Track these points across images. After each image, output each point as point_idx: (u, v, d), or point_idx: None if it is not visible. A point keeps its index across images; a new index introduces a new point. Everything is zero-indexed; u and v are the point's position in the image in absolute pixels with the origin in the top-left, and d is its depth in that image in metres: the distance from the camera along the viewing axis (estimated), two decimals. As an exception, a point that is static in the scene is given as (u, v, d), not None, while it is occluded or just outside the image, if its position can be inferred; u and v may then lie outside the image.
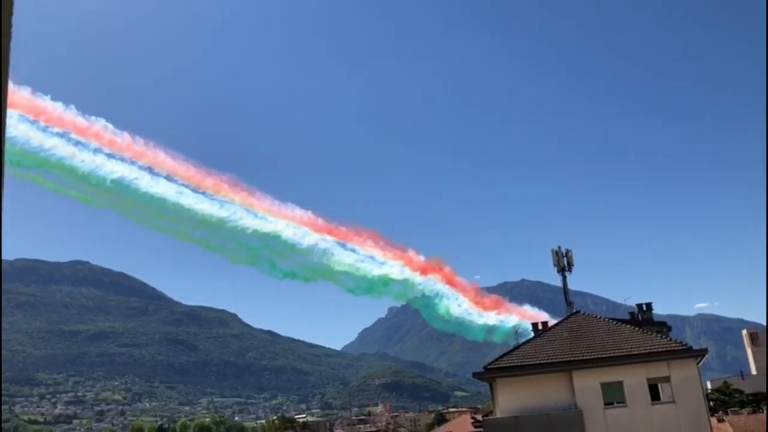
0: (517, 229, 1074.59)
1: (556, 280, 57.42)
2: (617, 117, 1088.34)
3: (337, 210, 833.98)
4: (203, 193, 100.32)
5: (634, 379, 33.39)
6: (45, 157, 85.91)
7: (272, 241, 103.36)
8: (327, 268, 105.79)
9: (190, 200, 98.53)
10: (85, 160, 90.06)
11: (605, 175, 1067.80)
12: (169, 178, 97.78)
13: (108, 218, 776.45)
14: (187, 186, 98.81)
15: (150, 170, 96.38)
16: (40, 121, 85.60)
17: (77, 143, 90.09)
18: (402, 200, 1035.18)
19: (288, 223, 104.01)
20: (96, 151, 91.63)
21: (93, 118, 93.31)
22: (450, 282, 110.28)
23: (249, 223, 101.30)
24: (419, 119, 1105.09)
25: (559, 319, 41.97)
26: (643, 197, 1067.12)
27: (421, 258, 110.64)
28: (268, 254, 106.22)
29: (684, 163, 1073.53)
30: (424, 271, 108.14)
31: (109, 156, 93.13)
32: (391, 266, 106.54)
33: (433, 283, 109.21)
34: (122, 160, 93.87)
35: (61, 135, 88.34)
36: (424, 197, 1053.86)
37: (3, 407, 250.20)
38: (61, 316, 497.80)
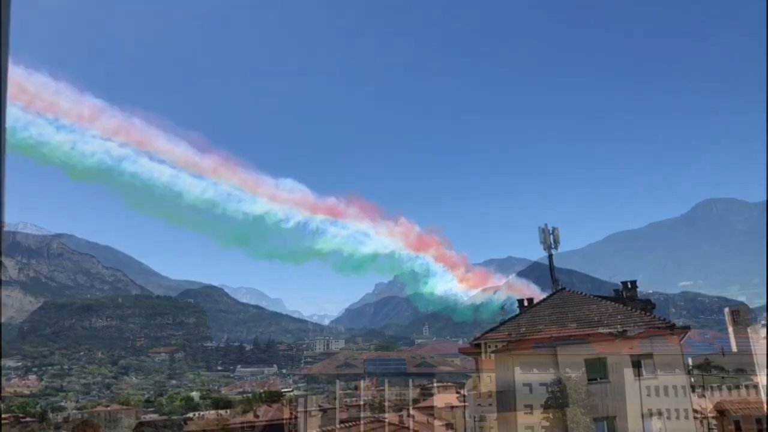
0: (503, 205, 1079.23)
1: (542, 258, 57.61)
2: (609, 93, 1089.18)
3: (336, 180, 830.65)
4: (197, 175, 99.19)
5: (617, 355, 33.64)
6: (34, 133, 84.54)
7: (262, 223, 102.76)
8: (317, 248, 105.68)
9: (181, 182, 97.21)
10: (75, 138, 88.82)
11: (592, 152, 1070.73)
12: (162, 160, 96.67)
13: (94, 192, 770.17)
14: (178, 168, 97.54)
15: (145, 152, 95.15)
16: (32, 100, 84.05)
17: (69, 122, 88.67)
18: (395, 177, 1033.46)
19: (280, 204, 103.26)
20: (87, 129, 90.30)
21: (86, 95, 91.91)
22: (440, 257, 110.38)
23: (240, 206, 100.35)
24: (413, 86, 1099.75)
25: (545, 296, 42.18)
26: (630, 176, 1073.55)
27: (417, 229, 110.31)
28: (258, 236, 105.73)
29: (670, 142, 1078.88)
30: (417, 247, 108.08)
31: (101, 136, 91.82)
32: (381, 241, 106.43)
33: (422, 258, 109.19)
34: (113, 140, 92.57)
35: (54, 113, 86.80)
36: (415, 175, 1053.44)
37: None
38: (46, 288, 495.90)
